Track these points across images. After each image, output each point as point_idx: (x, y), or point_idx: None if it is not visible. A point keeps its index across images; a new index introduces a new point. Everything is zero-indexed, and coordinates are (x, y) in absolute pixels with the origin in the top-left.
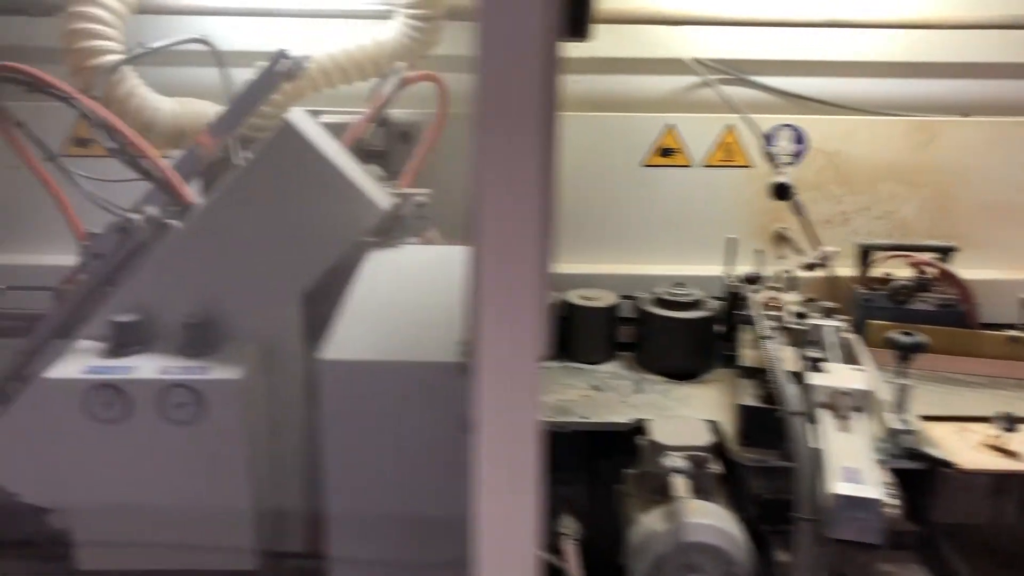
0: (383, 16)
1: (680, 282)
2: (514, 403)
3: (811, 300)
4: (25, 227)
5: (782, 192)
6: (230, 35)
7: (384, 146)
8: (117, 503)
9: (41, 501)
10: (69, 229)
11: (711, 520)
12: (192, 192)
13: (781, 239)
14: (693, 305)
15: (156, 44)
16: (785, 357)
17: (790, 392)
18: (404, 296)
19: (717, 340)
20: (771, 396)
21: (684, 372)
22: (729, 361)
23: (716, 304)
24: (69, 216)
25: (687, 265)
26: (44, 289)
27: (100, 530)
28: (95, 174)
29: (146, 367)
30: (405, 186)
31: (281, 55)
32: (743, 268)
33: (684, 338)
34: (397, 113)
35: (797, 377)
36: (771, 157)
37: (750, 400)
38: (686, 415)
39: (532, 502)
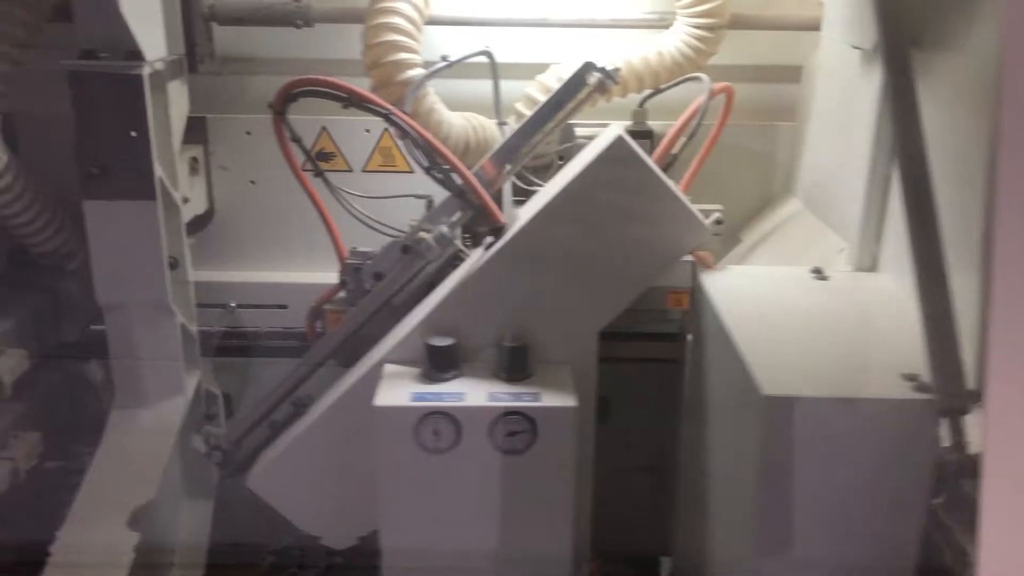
0: (661, 25)
1: None
2: None
3: None
4: (255, 243)
5: None
6: (500, 46)
7: None
8: (438, 536)
9: (339, 542)
10: (333, 247)
11: None
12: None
13: None
14: None
15: (454, 57)
16: None
17: None
18: (802, 325)
19: None
20: None
21: None
22: None
23: None
24: (334, 234)
25: None
26: (278, 308)
27: (414, 563)
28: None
29: (474, 394)
30: None
31: (590, 67)
32: None
33: None
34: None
35: None
36: None
37: None
38: None
39: None
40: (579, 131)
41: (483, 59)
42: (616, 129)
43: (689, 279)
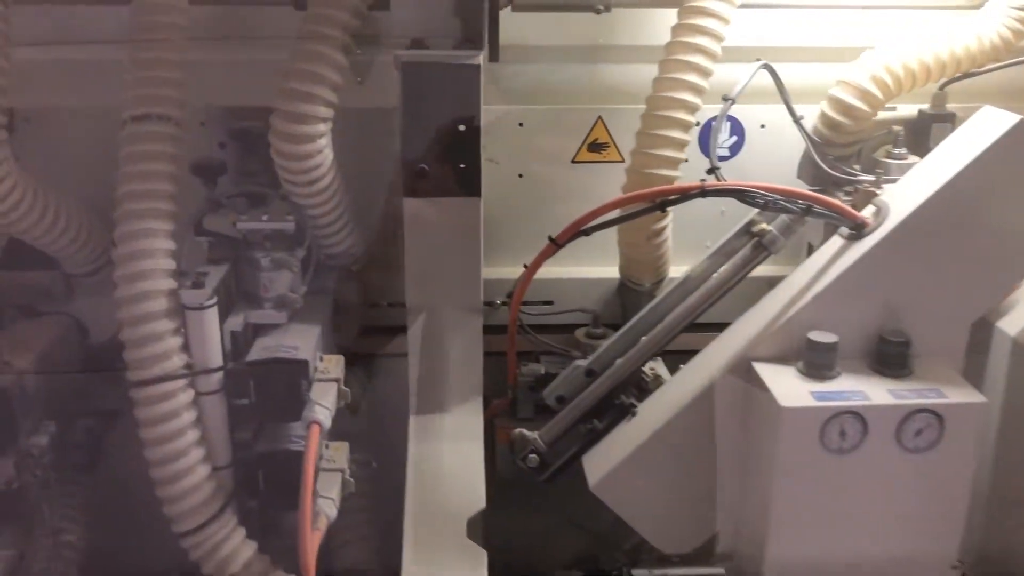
0: (969, 6)
1: None
2: None
3: None
4: (520, 239)
5: None
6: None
7: None
8: (830, 538)
9: (675, 548)
10: None
11: None
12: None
13: None
14: None
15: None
16: None
17: None
18: None
19: None
20: None
21: None
22: None
23: None
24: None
25: None
26: (543, 303)
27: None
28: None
29: (874, 391)
30: None
31: None
32: None
33: None
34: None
35: None
36: None
37: None
38: None
39: None
40: (882, 114)
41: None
42: (994, 112)
43: None
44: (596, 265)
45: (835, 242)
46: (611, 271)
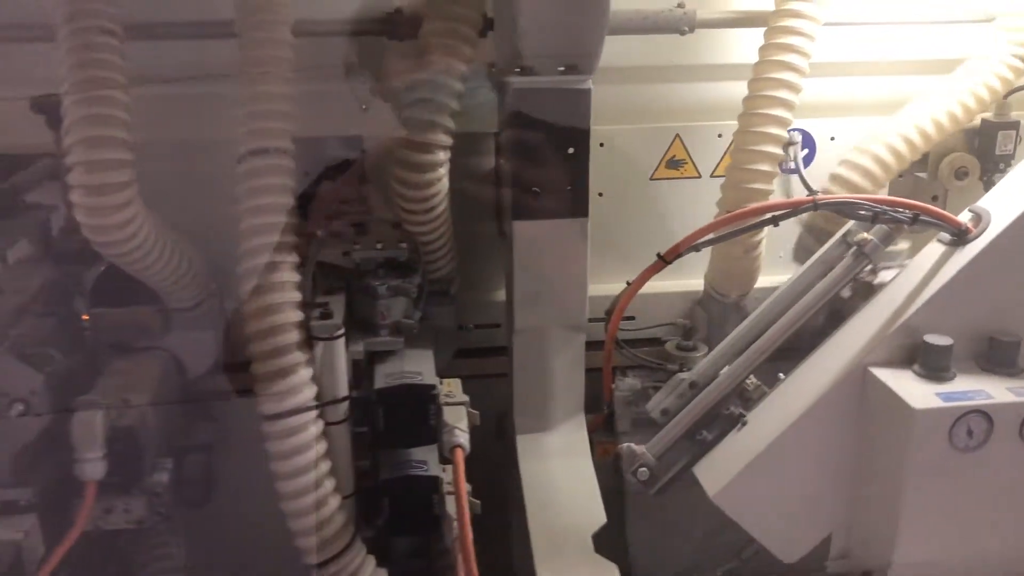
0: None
1: None
2: None
3: None
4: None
5: None
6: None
7: None
8: (957, 535)
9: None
10: None
11: None
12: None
13: None
14: None
15: None
16: None
17: None
18: None
19: None
20: None
21: None
22: None
23: None
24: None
25: None
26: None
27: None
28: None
29: (995, 391)
30: None
31: None
32: None
33: None
34: None
35: None
36: None
37: None
38: None
39: None
40: None
41: None
42: None
43: None
44: (670, 279)
45: (935, 248)
46: (684, 285)
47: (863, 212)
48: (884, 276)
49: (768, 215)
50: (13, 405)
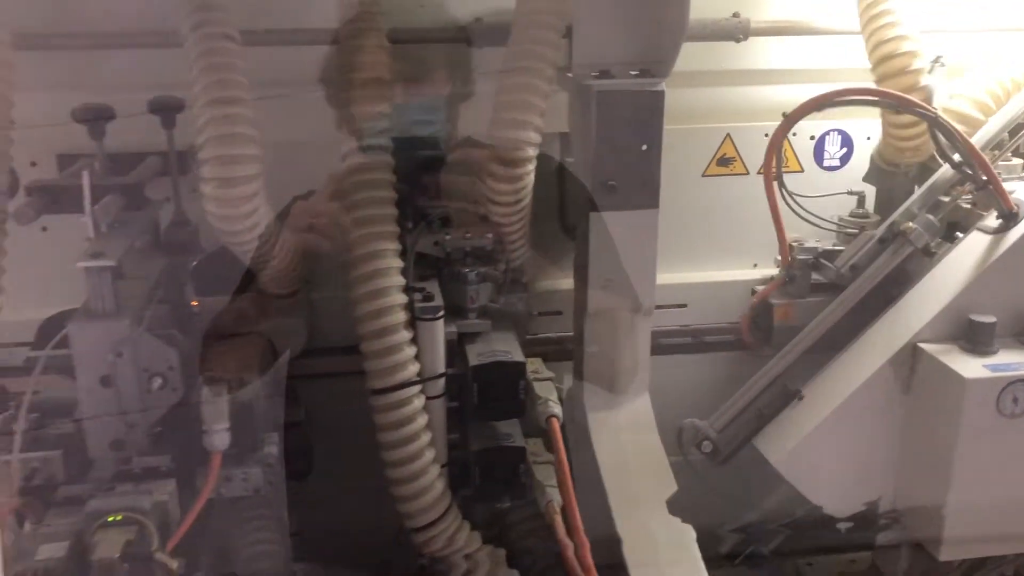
0: None
1: None
2: None
3: None
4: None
5: None
6: None
7: None
8: (1002, 493)
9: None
10: (779, 243)
11: None
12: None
13: None
14: None
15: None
16: None
17: None
18: None
19: None
20: None
21: None
22: None
23: None
24: (780, 234)
25: None
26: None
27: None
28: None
29: None
30: None
31: None
32: None
33: None
34: None
35: None
36: None
37: None
38: None
39: None
40: None
41: None
42: None
43: None
44: (727, 269)
45: (976, 237)
46: (734, 275)
47: (957, 155)
48: None
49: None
50: (153, 379)
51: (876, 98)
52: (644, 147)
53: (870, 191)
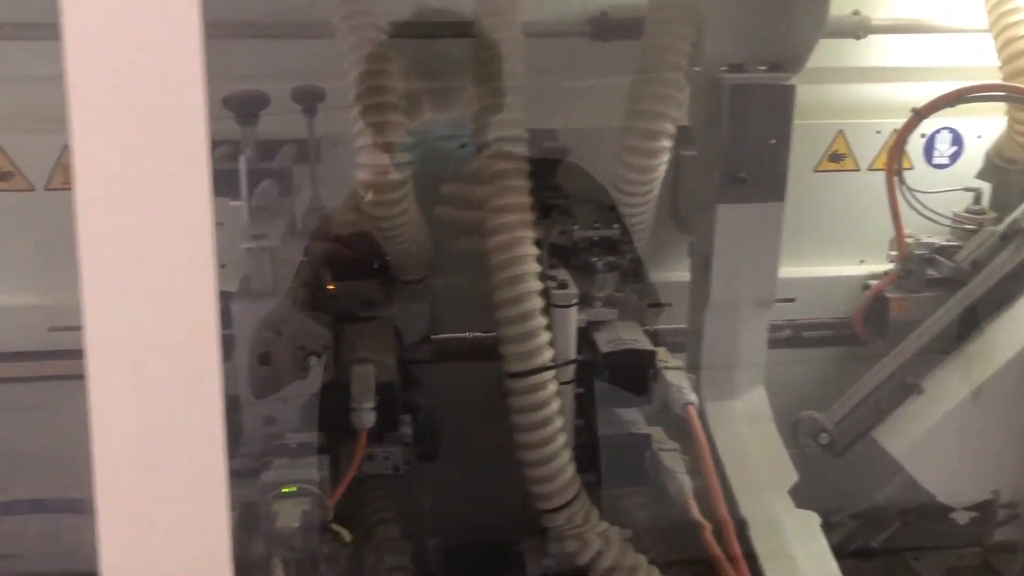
0: None
1: None
2: None
3: None
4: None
5: None
6: None
7: None
8: None
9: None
10: (896, 238)
11: None
12: None
13: None
14: None
15: None
16: None
17: None
18: None
19: None
20: None
21: None
22: None
23: None
24: (899, 229)
25: None
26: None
27: None
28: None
29: None
30: None
31: None
32: None
33: None
34: None
35: None
36: None
37: None
38: None
39: None
40: None
41: None
42: None
43: None
44: (835, 264)
45: None
46: (847, 270)
47: None
48: None
49: None
50: (309, 358)
51: (1011, 94)
52: (773, 141)
53: (985, 188)
